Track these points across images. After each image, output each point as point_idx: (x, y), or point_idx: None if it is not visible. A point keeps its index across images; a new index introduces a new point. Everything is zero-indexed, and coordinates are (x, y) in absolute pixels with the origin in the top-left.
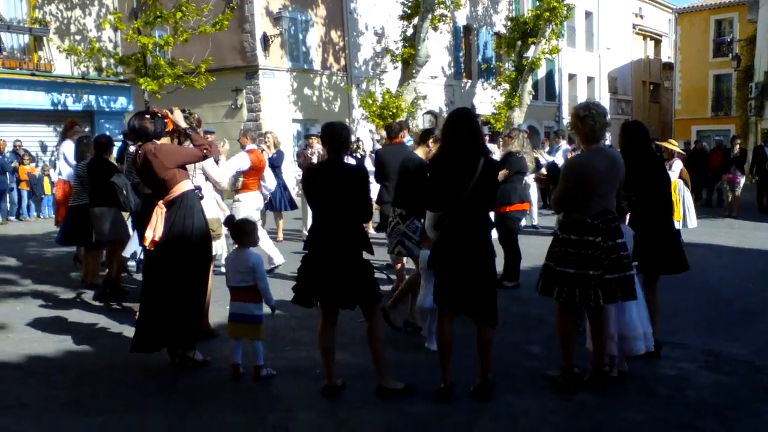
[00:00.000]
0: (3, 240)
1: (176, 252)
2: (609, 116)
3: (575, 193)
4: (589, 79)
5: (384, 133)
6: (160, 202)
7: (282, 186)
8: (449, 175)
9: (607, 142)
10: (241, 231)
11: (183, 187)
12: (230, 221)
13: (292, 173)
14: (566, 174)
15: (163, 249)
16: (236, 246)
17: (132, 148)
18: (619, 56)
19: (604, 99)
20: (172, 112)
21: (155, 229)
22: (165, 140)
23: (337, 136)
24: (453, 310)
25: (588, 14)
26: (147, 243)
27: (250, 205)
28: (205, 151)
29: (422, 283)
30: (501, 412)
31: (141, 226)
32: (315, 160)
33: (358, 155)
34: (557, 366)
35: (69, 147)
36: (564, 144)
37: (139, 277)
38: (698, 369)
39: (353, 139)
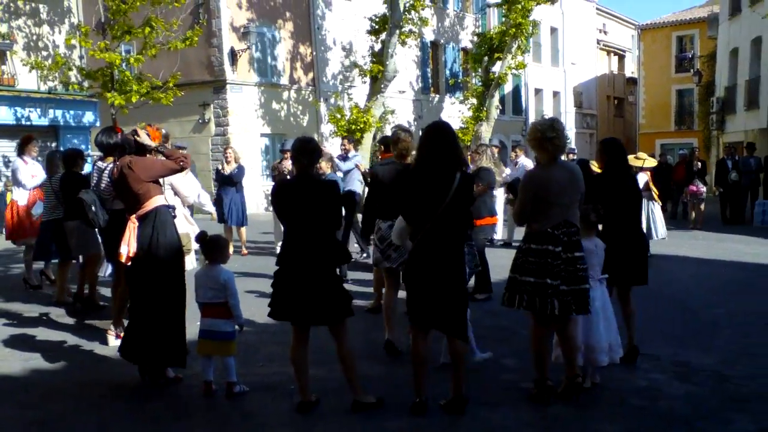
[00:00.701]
0: None
1: (150, 267)
2: (573, 130)
3: (535, 205)
4: (555, 94)
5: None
6: (133, 217)
7: (240, 201)
8: (425, 189)
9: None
10: (214, 247)
11: (156, 201)
12: (203, 237)
13: (260, 187)
14: (525, 186)
15: (137, 264)
16: (207, 262)
17: (100, 163)
18: (584, 71)
19: (569, 113)
20: (137, 133)
21: (129, 243)
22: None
23: (308, 151)
24: (423, 325)
25: (553, 30)
26: (123, 258)
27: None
28: (181, 163)
29: None
30: (476, 425)
31: (109, 241)
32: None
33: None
34: (531, 378)
35: (19, 166)
36: (523, 158)
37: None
38: (669, 379)
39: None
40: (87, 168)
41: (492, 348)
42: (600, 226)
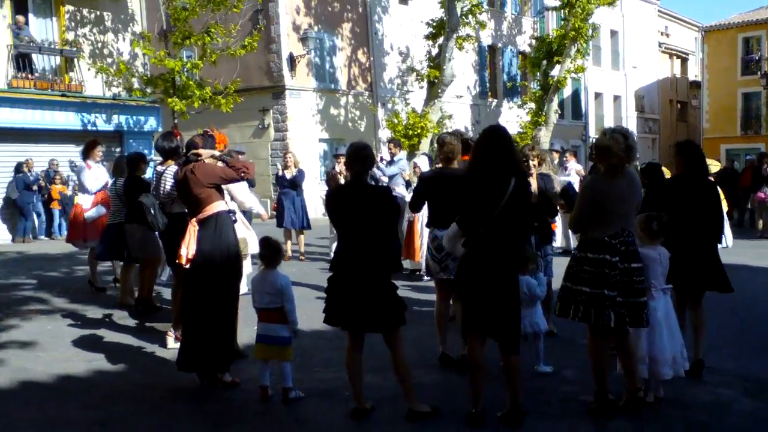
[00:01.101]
0: (35, 258)
1: (208, 271)
2: (634, 135)
3: (592, 213)
4: (616, 98)
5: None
6: (193, 220)
7: (301, 206)
8: (478, 194)
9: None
10: (272, 251)
11: (217, 206)
12: (266, 242)
13: (317, 192)
14: (584, 193)
15: (195, 268)
16: (263, 267)
17: (159, 167)
18: (646, 75)
19: (630, 118)
20: (207, 138)
21: (188, 246)
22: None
23: (362, 157)
24: (477, 332)
25: (613, 33)
26: (183, 261)
27: None
28: (242, 173)
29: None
30: None
31: (169, 244)
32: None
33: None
34: (591, 391)
35: (83, 170)
36: (573, 163)
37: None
38: (737, 395)
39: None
40: (149, 172)
41: (550, 358)
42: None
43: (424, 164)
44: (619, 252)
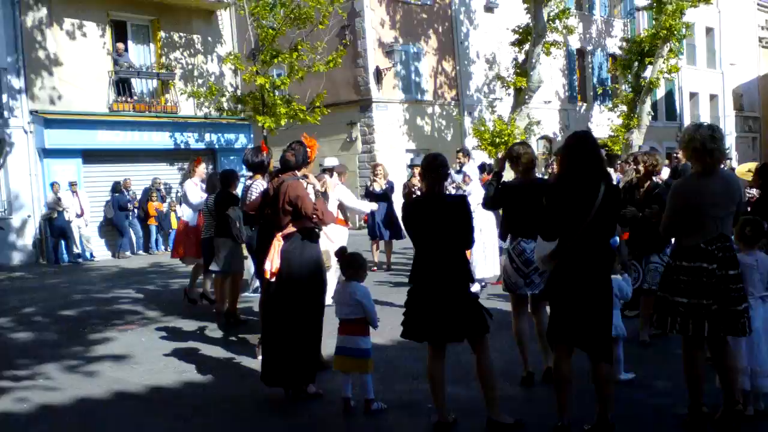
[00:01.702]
0: (131, 272)
1: (292, 284)
2: (732, 134)
3: (686, 218)
4: (712, 97)
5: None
6: (279, 234)
7: (393, 215)
8: (568, 202)
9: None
10: (351, 264)
11: (302, 222)
12: (342, 253)
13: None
14: (673, 196)
15: (279, 281)
16: (344, 279)
17: (248, 182)
18: (745, 72)
19: (728, 117)
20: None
21: (272, 260)
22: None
23: (437, 167)
24: (565, 343)
25: (709, 30)
26: (267, 275)
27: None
28: (315, 215)
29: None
30: None
31: (257, 257)
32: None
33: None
34: (685, 403)
35: (190, 186)
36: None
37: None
38: None
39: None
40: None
41: (640, 368)
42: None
43: (473, 172)
44: (716, 259)
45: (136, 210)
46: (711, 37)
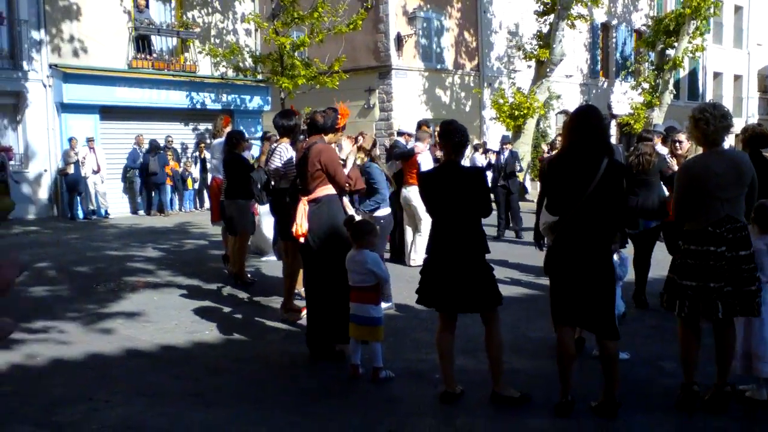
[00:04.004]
0: (145, 232)
1: (324, 247)
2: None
3: (691, 199)
4: (737, 78)
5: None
6: (304, 199)
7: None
8: (568, 176)
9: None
10: (360, 232)
11: (329, 189)
12: (350, 222)
13: None
14: (680, 178)
15: (308, 246)
16: (355, 246)
17: (274, 144)
18: None
19: (752, 98)
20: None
21: (300, 224)
22: (331, 137)
23: (454, 134)
24: (569, 323)
25: (738, 9)
26: (297, 236)
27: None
28: (347, 185)
29: None
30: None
31: (279, 219)
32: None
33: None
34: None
35: (219, 146)
36: (659, 146)
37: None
38: None
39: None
40: (255, 150)
41: (654, 350)
42: None
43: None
44: (726, 241)
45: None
46: (739, 15)
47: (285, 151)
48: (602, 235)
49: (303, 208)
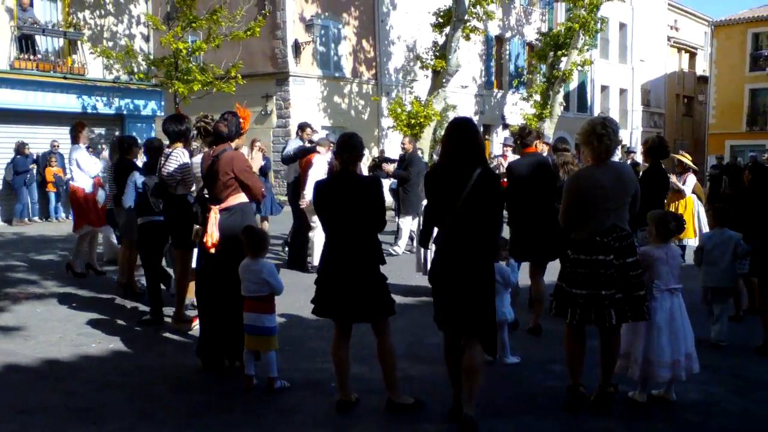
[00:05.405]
0: (29, 240)
1: (233, 257)
2: (639, 129)
3: (578, 209)
4: (622, 91)
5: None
6: (215, 208)
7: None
8: (443, 186)
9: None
10: (257, 240)
11: (241, 197)
12: (248, 230)
13: None
14: (568, 188)
15: (217, 254)
16: (248, 256)
17: (167, 150)
18: (653, 69)
19: (636, 111)
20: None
21: (212, 234)
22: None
23: (350, 147)
24: (450, 328)
25: (622, 26)
26: (207, 245)
27: None
28: (254, 193)
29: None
30: None
31: (171, 227)
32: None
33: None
34: (584, 387)
35: (81, 154)
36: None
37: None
38: (727, 394)
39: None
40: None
41: (543, 354)
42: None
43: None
44: (613, 249)
45: (35, 174)
46: (624, 32)
47: (181, 156)
48: (478, 243)
49: (214, 217)
